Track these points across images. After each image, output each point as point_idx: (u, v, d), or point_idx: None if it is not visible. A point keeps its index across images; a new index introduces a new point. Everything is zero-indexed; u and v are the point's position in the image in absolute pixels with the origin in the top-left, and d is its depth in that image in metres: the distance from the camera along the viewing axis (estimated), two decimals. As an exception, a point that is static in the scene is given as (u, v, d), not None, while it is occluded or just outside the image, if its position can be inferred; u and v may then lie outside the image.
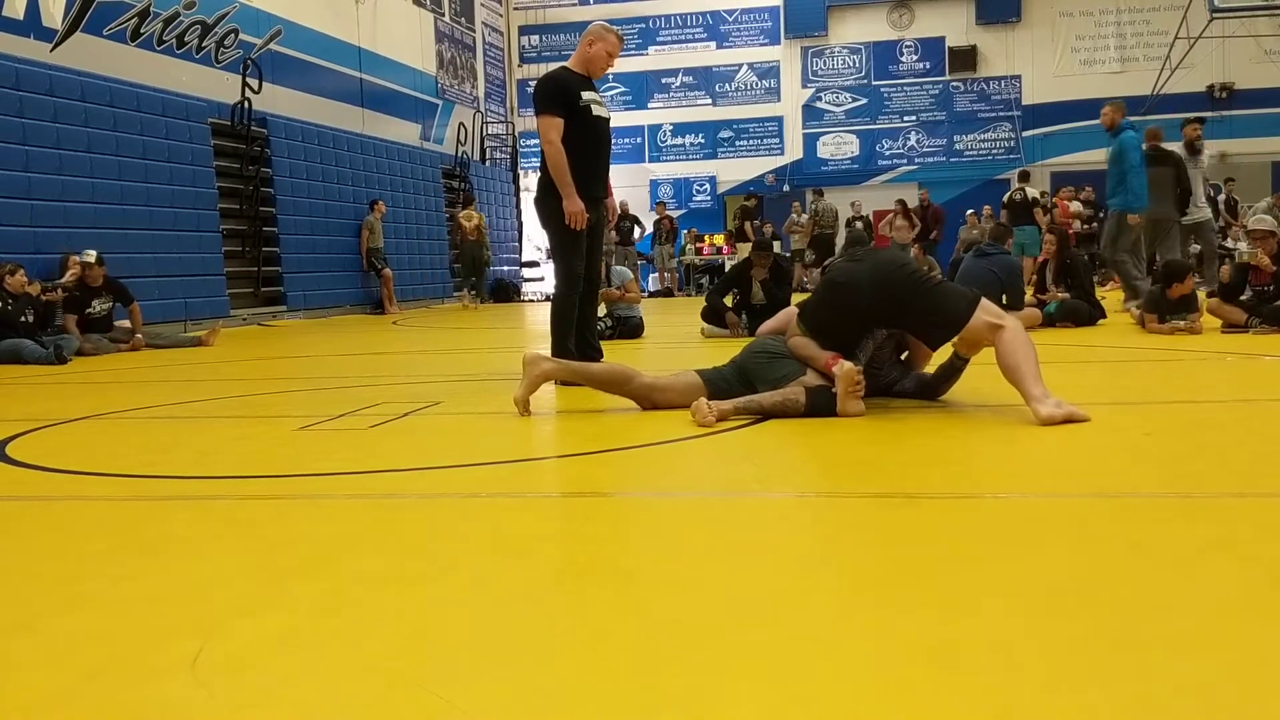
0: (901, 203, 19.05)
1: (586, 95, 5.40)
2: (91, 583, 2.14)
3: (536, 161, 24.06)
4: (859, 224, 19.17)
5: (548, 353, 5.02)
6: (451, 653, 1.67)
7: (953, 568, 2.05)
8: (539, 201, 5.49)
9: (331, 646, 1.71)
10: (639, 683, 1.53)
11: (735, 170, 24.20)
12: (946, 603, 1.83)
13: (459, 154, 20.37)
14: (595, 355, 5.48)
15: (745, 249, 17.57)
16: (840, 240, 19.02)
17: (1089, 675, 1.47)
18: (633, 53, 23.79)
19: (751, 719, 1.40)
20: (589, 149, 5.39)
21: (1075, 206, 17.70)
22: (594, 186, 5.44)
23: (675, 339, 8.73)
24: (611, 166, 5.79)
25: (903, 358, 4.36)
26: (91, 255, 8.92)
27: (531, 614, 1.86)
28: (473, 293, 17.48)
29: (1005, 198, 16.14)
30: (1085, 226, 17.28)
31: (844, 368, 3.87)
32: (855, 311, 4.03)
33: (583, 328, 5.57)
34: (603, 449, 3.66)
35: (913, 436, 3.63)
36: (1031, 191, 15.70)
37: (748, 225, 19.88)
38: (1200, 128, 11.38)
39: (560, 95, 5.34)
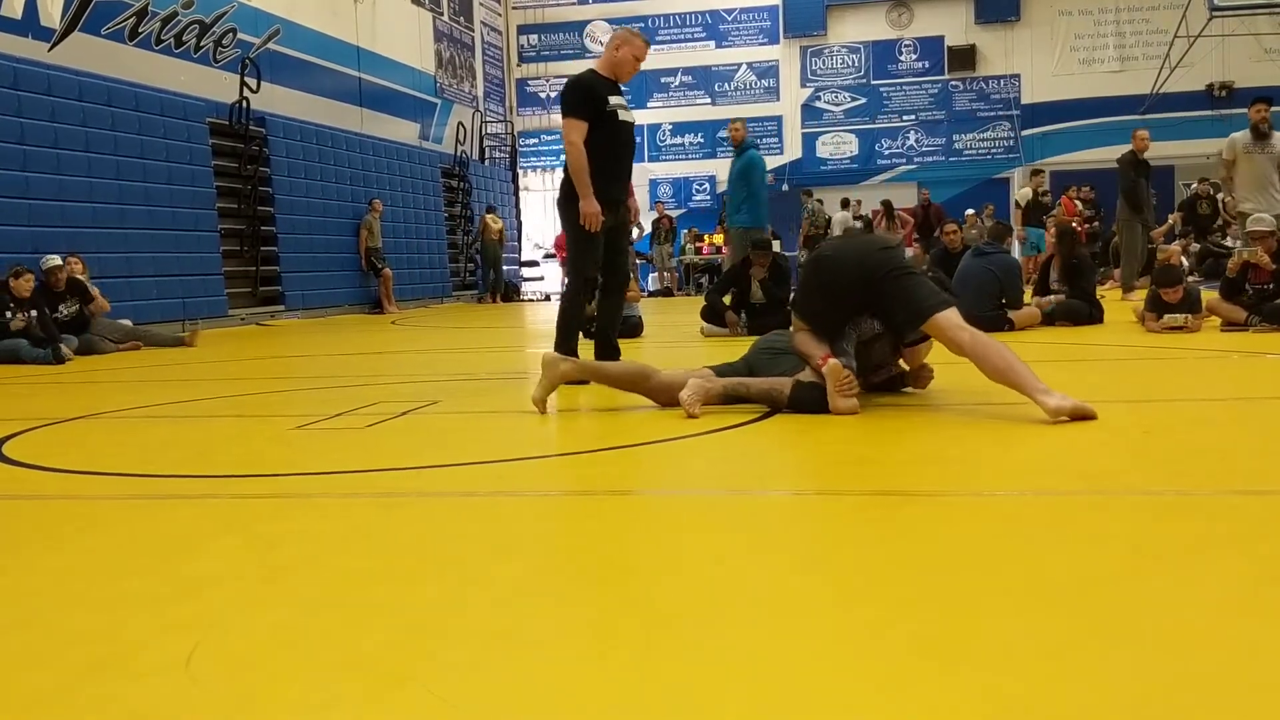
0: (886, 203, 19.05)
1: (614, 100, 5.39)
2: (87, 580, 2.14)
3: (535, 161, 23.79)
4: (858, 223, 19.15)
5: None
6: (449, 651, 1.66)
7: (950, 565, 2.05)
8: (562, 203, 5.48)
9: (328, 644, 1.70)
10: (637, 679, 1.52)
11: (734, 170, 24.18)
12: (944, 600, 1.82)
13: (458, 153, 20.37)
14: (614, 355, 5.47)
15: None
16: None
17: (1087, 673, 1.47)
18: (632, 52, 23.77)
19: (749, 717, 1.39)
20: (614, 152, 5.39)
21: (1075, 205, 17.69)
22: (616, 189, 5.44)
23: (675, 338, 8.72)
24: None
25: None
26: (56, 260, 8.88)
27: (529, 612, 1.86)
28: (493, 290, 19.17)
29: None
30: (1086, 225, 17.28)
31: (831, 366, 3.88)
32: (837, 289, 4.03)
33: (606, 327, 5.58)
34: (601, 447, 3.65)
35: (911, 435, 3.62)
36: (1020, 192, 15.57)
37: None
38: (1267, 109, 9.84)
39: (587, 98, 5.32)
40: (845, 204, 19.91)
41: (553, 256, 22.64)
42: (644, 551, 2.29)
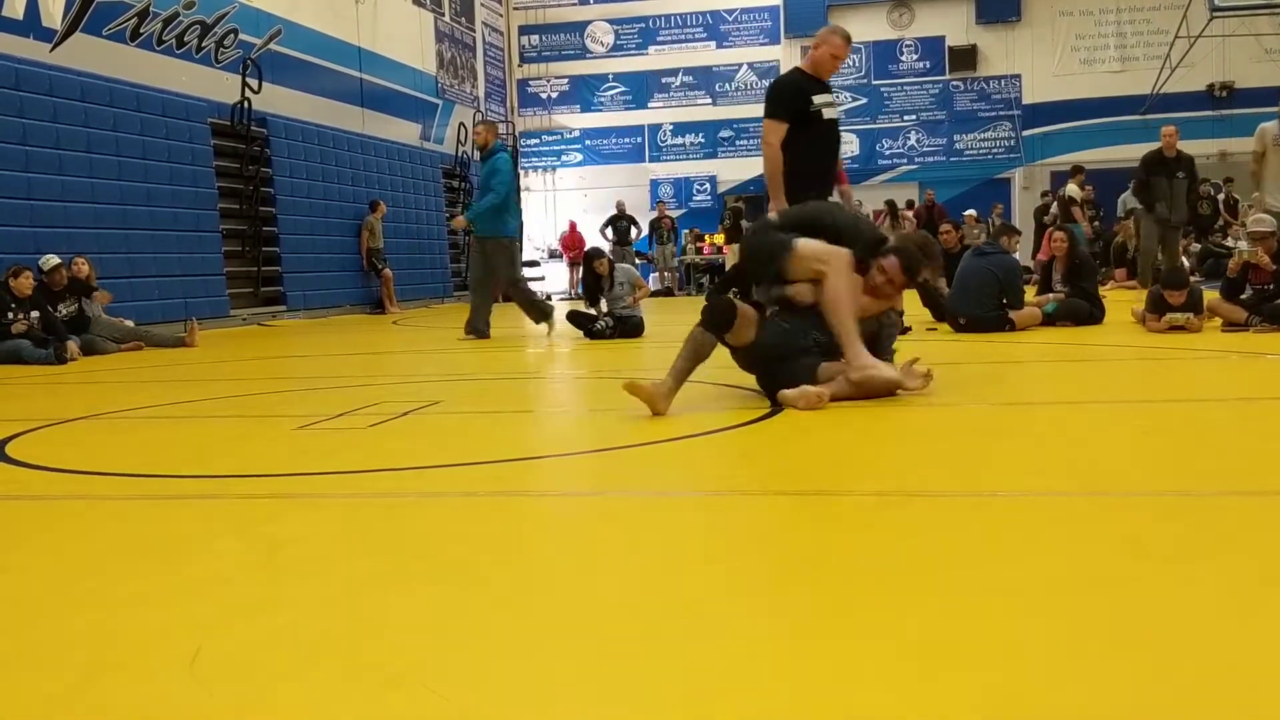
0: (890, 204, 19.03)
1: (818, 99, 5.33)
2: (90, 581, 2.14)
3: (537, 161, 23.65)
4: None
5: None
6: (451, 652, 1.67)
7: (951, 566, 2.05)
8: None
9: (330, 646, 1.71)
10: (638, 680, 1.53)
11: (735, 170, 24.17)
12: (945, 601, 1.83)
13: (459, 154, 20.36)
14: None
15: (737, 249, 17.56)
16: None
17: (1088, 673, 1.47)
18: (633, 52, 23.80)
19: (748, 717, 1.40)
20: (819, 151, 5.35)
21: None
22: (823, 187, 5.42)
23: (675, 338, 8.71)
24: (611, 166, 5.77)
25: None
26: (56, 259, 8.87)
27: (531, 613, 1.86)
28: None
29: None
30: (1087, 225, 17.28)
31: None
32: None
33: None
34: (601, 448, 3.66)
35: (910, 435, 3.63)
36: (1068, 188, 15.50)
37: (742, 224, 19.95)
38: None
39: (790, 100, 5.27)
40: (909, 206, 19.69)
41: (557, 256, 22.64)
42: (644, 552, 2.30)
